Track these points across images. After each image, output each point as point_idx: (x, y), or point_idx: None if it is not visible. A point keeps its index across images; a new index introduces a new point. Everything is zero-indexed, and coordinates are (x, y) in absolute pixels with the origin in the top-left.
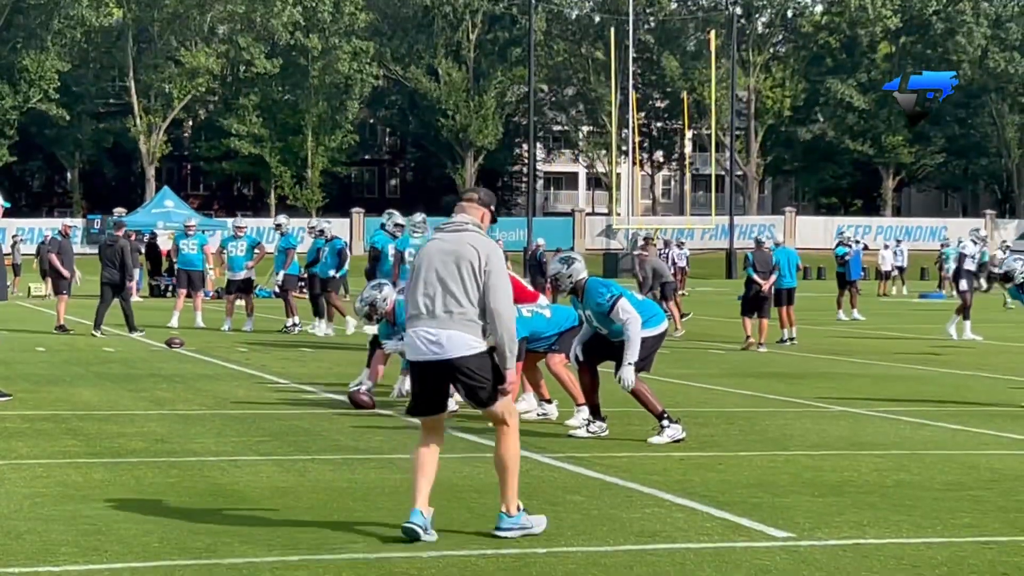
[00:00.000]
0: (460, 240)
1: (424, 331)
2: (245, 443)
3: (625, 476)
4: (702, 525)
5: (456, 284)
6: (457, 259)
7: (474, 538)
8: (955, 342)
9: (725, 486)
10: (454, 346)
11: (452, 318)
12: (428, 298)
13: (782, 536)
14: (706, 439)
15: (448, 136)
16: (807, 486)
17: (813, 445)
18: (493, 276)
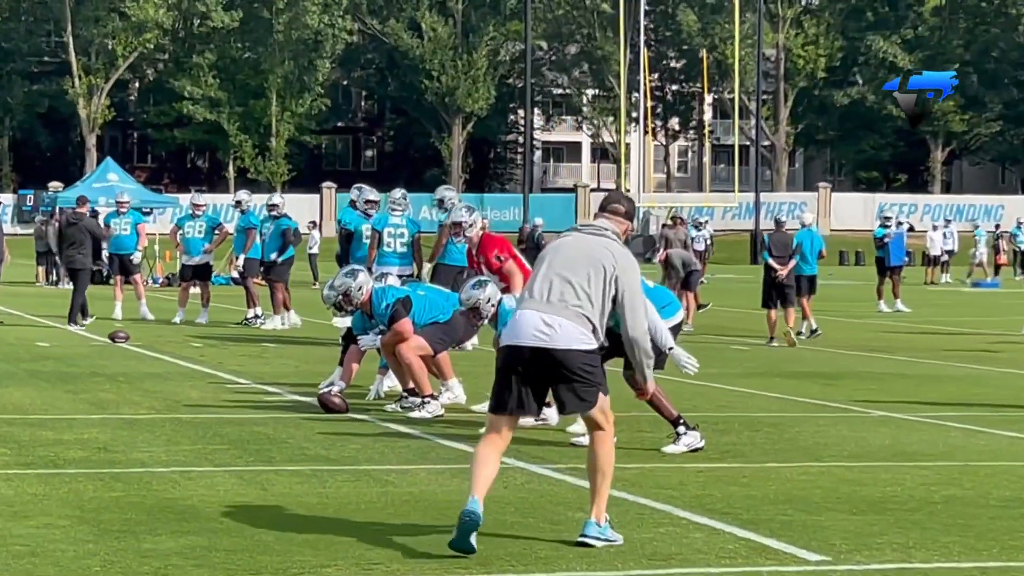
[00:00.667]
0: (597, 243)
1: (532, 314)
2: (199, 452)
3: (635, 490)
4: (724, 547)
5: (580, 279)
6: (588, 258)
7: (460, 560)
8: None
9: (750, 502)
10: (566, 336)
11: (567, 308)
12: (546, 285)
13: (815, 560)
14: (728, 448)
15: (433, 100)
16: (844, 502)
17: (851, 455)
18: (629, 296)
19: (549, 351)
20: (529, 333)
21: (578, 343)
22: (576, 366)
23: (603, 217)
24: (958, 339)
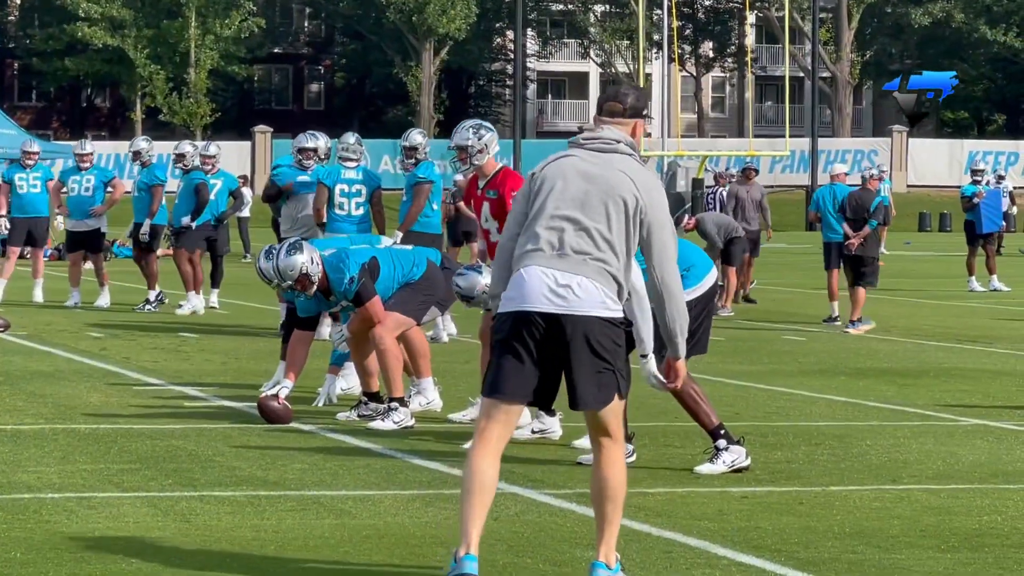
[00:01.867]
0: (609, 164)
1: (543, 271)
2: (102, 473)
3: (661, 522)
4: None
5: (600, 221)
6: (605, 190)
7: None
8: None
9: (809, 536)
10: (589, 299)
11: (587, 263)
12: (555, 231)
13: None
14: (780, 467)
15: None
16: (930, 536)
17: (937, 476)
18: (657, 230)
19: (568, 318)
20: (540, 295)
21: (603, 309)
22: (600, 340)
23: (606, 124)
24: None
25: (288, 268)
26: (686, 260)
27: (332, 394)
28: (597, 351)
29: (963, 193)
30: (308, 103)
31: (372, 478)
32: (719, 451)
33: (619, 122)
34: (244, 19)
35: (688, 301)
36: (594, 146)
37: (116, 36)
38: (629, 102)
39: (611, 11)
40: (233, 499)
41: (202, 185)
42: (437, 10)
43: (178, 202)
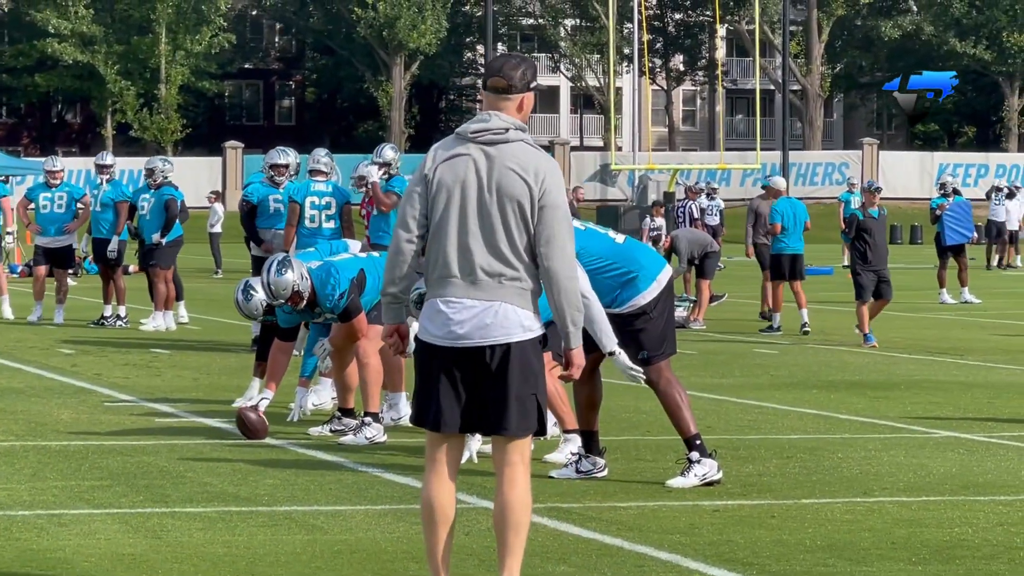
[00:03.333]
0: (502, 162)
1: (458, 301)
2: (72, 490)
3: (631, 536)
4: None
5: (503, 235)
6: (501, 199)
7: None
8: None
9: (781, 549)
10: (507, 324)
11: (502, 285)
12: (464, 253)
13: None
14: (752, 481)
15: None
16: (901, 548)
17: (908, 488)
18: (548, 214)
19: (488, 347)
20: (459, 325)
21: (522, 331)
22: (522, 365)
23: (491, 104)
24: None
25: (280, 287)
26: (635, 262)
27: (305, 407)
28: (519, 377)
29: (932, 205)
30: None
31: (344, 493)
32: (691, 463)
33: (506, 98)
34: (214, 35)
35: (646, 303)
36: (484, 139)
37: (86, 52)
38: (516, 76)
39: (581, 25)
40: (205, 515)
41: (171, 201)
42: (407, 25)
43: (148, 218)
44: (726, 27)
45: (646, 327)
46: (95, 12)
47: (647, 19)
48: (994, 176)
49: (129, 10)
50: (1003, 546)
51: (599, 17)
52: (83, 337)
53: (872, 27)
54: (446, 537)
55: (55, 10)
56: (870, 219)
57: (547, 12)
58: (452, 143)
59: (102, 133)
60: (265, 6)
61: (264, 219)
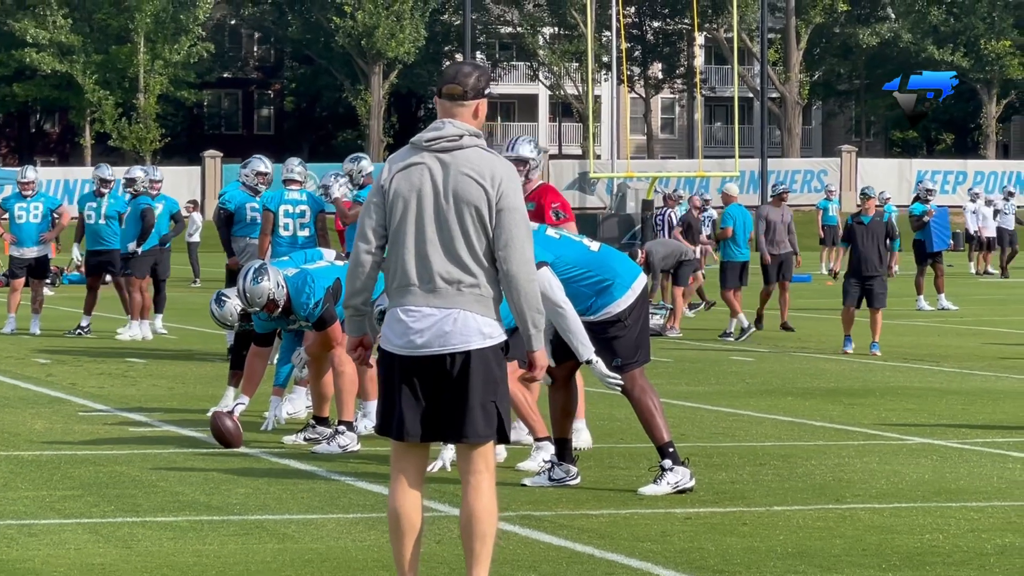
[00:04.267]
0: (457, 169)
1: (418, 310)
2: (43, 500)
3: (602, 543)
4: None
5: (462, 242)
6: (458, 205)
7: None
8: None
9: (752, 556)
10: (466, 332)
11: (461, 293)
12: (423, 261)
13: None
14: (724, 488)
15: (346, 44)
16: (872, 555)
17: (880, 495)
18: (506, 217)
19: (449, 355)
20: (419, 335)
21: (481, 339)
22: (483, 372)
23: (446, 112)
24: (1018, 344)
25: (256, 295)
26: (611, 270)
27: (279, 416)
28: (480, 384)
29: (912, 212)
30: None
31: (316, 502)
32: (664, 471)
33: (461, 105)
34: (193, 44)
35: (620, 311)
36: (439, 147)
37: (65, 62)
38: (470, 84)
39: (560, 33)
40: (175, 524)
41: (148, 210)
42: (386, 34)
43: (125, 228)
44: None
45: (621, 335)
46: (73, 22)
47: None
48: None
49: (107, 20)
50: (974, 552)
51: (577, 25)
52: (59, 347)
53: (850, 34)
54: (413, 546)
55: (33, 20)
56: (857, 225)
57: (525, 21)
58: (407, 153)
59: (80, 143)
60: (243, 15)
61: (241, 227)
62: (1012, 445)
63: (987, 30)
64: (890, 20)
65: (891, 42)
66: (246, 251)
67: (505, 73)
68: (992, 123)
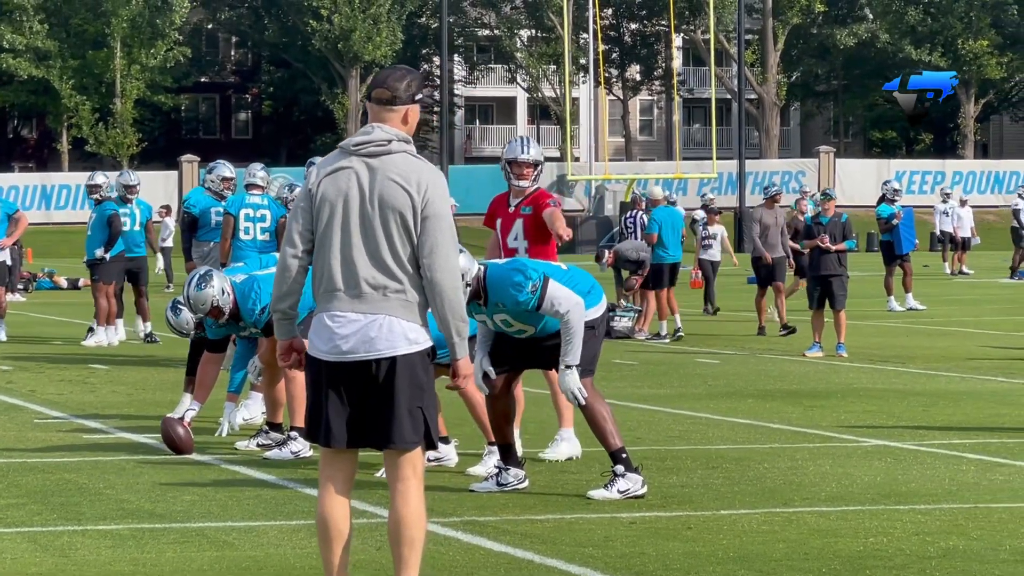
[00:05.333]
0: (384, 174)
1: (343, 315)
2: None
3: (544, 549)
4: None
5: (387, 247)
6: (383, 210)
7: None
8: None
9: (692, 561)
10: (391, 338)
11: (387, 299)
12: (347, 268)
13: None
14: (673, 492)
15: (323, 47)
16: (813, 559)
17: (829, 498)
18: (432, 225)
19: (374, 361)
20: (344, 340)
21: (407, 344)
22: (408, 377)
23: (375, 116)
24: (986, 344)
25: (199, 301)
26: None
27: (233, 422)
28: (407, 389)
29: (879, 214)
30: (235, 132)
31: (260, 509)
32: (616, 476)
33: (390, 110)
34: (170, 49)
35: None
36: (366, 151)
37: (41, 67)
38: (400, 88)
39: (537, 36)
40: (116, 532)
41: (114, 216)
42: (363, 37)
43: (91, 234)
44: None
45: (588, 342)
46: (50, 27)
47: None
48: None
49: (84, 25)
50: (916, 555)
51: (555, 28)
52: (23, 353)
53: (827, 35)
54: (341, 553)
55: (10, 25)
56: (816, 225)
57: (503, 23)
58: (335, 157)
59: (58, 148)
60: (220, 20)
61: (205, 232)
62: (968, 447)
63: (964, 30)
64: (867, 20)
65: (869, 43)
66: (210, 256)
67: (483, 76)
68: (970, 123)
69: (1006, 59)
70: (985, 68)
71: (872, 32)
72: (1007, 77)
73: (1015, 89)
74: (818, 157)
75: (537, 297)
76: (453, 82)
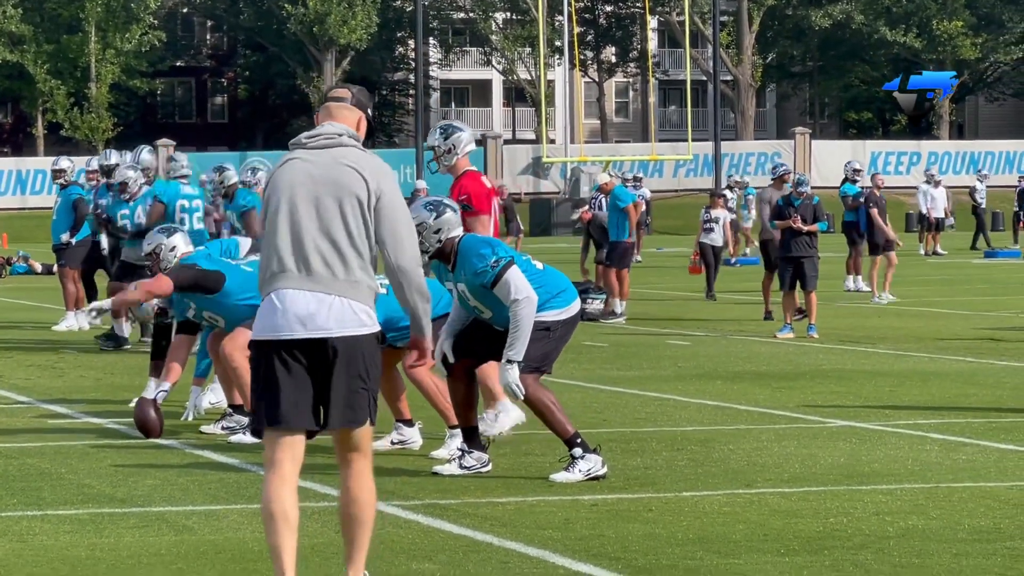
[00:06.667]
0: (335, 162)
1: (293, 295)
2: None
3: (504, 532)
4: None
5: (339, 229)
6: (336, 191)
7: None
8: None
9: (651, 543)
10: (341, 319)
11: (336, 280)
12: (298, 249)
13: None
14: (636, 474)
15: (297, 31)
16: (773, 540)
17: (792, 479)
18: (388, 213)
19: (323, 340)
20: (294, 321)
21: (358, 326)
22: (356, 359)
23: (328, 115)
24: (958, 324)
25: (149, 239)
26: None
27: (199, 406)
28: (352, 371)
29: (845, 192)
30: (211, 116)
31: (222, 493)
32: (575, 459)
33: (345, 107)
34: (145, 33)
35: (555, 320)
36: (317, 143)
37: (15, 52)
38: (354, 91)
39: (512, 19)
40: (76, 517)
41: (80, 200)
42: (338, 20)
43: (56, 218)
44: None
45: (539, 340)
46: (24, 11)
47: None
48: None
49: (58, 9)
50: (874, 536)
51: (530, 10)
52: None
53: (803, 16)
54: (288, 538)
55: None
56: (789, 207)
57: (478, 6)
58: (289, 152)
59: (33, 133)
60: (195, 3)
61: None
62: (933, 427)
63: (939, 11)
64: (842, 2)
65: (843, 24)
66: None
67: (458, 59)
68: (946, 104)
69: (981, 39)
70: (960, 49)
71: (847, 13)
72: (982, 58)
73: (990, 70)
74: (794, 139)
75: (494, 274)
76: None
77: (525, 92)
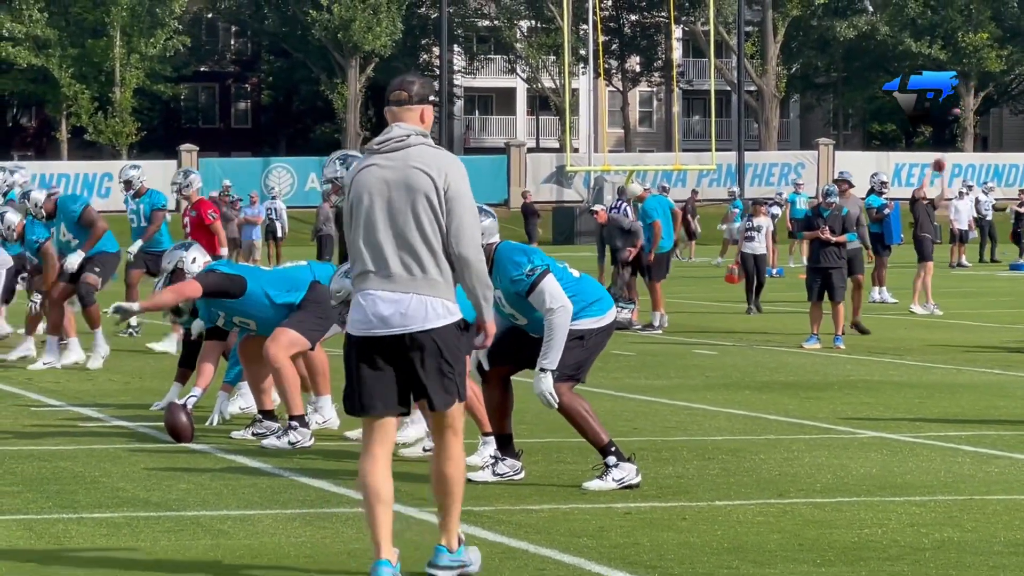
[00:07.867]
0: (405, 163)
1: (376, 295)
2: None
3: (539, 539)
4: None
5: (413, 230)
6: (409, 194)
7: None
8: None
9: (686, 552)
10: (424, 312)
11: (414, 279)
12: (377, 252)
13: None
14: (669, 483)
15: (322, 37)
16: (807, 550)
17: (825, 489)
18: (455, 205)
19: (407, 336)
20: (379, 319)
21: (436, 319)
22: (439, 349)
23: (394, 117)
24: (983, 337)
25: (168, 257)
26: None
27: (225, 411)
28: (438, 360)
29: (870, 204)
30: (235, 121)
31: (256, 497)
32: (608, 467)
33: (408, 109)
34: (169, 38)
35: (590, 328)
36: (388, 148)
37: (41, 56)
38: (415, 90)
39: (537, 27)
40: (111, 520)
41: None
42: (363, 27)
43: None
44: (682, 28)
45: (573, 348)
46: (49, 16)
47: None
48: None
49: (83, 13)
50: (910, 547)
51: (554, 19)
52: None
53: (827, 27)
54: (383, 516)
55: (9, 14)
56: (817, 218)
57: (502, 14)
58: (363, 158)
59: (57, 137)
60: (220, 9)
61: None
62: (964, 439)
63: (964, 22)
64: (867, 13)
65: (868, 35)
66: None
67: (482, 66)
68: (970, 115)
69: (1006, 52)
70: (985, 61)
71: (872, 24)
72: (1007, 70)
73: (1015, 82)
74: (817, 149)
75: (530, 282)
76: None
77: (549, 100)
